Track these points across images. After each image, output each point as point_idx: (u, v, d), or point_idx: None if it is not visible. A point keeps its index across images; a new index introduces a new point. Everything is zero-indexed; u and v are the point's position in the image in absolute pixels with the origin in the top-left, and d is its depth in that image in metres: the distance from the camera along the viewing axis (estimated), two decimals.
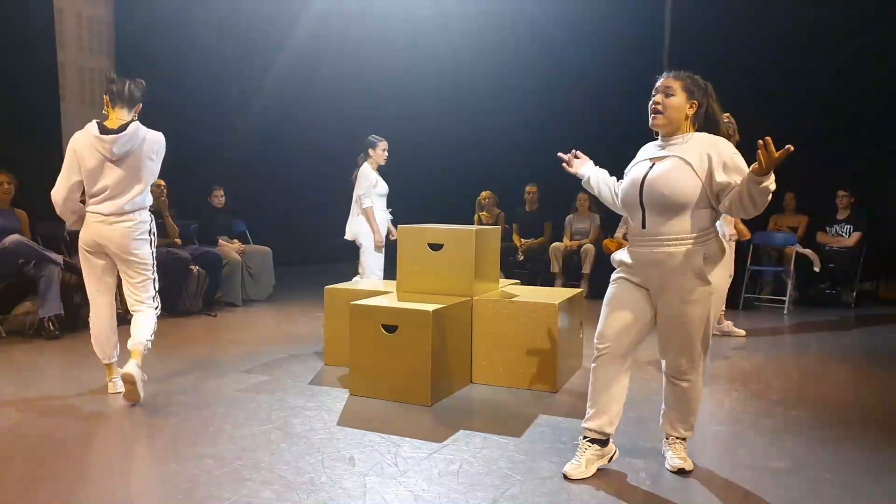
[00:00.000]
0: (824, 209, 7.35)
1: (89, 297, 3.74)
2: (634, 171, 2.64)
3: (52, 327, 5.07)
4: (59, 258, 5.28)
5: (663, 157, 2.57)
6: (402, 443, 3.02)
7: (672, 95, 2.56)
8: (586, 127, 8.32)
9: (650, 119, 2.62)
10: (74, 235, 5.78)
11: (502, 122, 8.99)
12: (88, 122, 3.60)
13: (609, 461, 2.75)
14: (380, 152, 5.59)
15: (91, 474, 2.65)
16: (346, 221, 5.66)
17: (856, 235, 7.04)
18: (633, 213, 2.63)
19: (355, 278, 5.65)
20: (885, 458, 2.93)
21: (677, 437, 2.78)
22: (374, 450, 2.93)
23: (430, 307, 3.62)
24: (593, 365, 2.70)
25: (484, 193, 7.91)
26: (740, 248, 7.03)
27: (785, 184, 7.43)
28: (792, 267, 6.84)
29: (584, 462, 2.67)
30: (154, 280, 3.76)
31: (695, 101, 2.58)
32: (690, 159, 2.49)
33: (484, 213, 7.85)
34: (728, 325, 5.55)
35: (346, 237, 5.76)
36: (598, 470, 2.69)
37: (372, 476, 2.65)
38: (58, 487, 2.54)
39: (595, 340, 2.69)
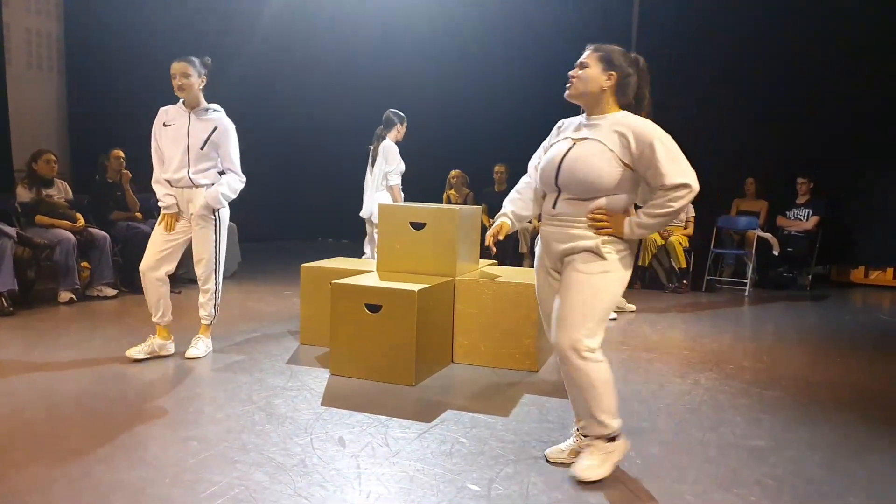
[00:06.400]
0: (783, 195, 7.54)
1: None
2: (555, 149, 2.52)
3: (5, 303, 4.84)
4: (11, 231, 5.03)
5: (583, 139, 2.45)
6: (391, 423, 2.98)
7: (586, 67, 2.48)
8: (554, 107, 8.29)
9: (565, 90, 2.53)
10: (26, 208, 5.54)
11: (472, 101, 8.92)
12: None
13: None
14: (404, 129, 5.59)
15: (71, 461, 2.52)
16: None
17: (814, 219, 7.25)
18: (548, 191, 2.55)
19: (364, 256, 5.51)
20: (860, 437, 3.03)
21: (594, 436, 2.48)
22: (362, 430, 2.88)
23: (416, 287, 3.56)
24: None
25: (453, 172, 7.82)
26: (705, 231, 7.20)
27: (746, 169, 7.64)
28: (753, 250, 7.02)
29: (568, 449, 2.65)
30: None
31: (612, 73, 2.44)
32: (610, 143, 2.38)
33: (453, 191, 7.77)
34: (622, 300, 5.19)
35: (362, 214, 5.61)
36: None
37: (364, 457, 2.60)
38: (35, 474, 2.41)
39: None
